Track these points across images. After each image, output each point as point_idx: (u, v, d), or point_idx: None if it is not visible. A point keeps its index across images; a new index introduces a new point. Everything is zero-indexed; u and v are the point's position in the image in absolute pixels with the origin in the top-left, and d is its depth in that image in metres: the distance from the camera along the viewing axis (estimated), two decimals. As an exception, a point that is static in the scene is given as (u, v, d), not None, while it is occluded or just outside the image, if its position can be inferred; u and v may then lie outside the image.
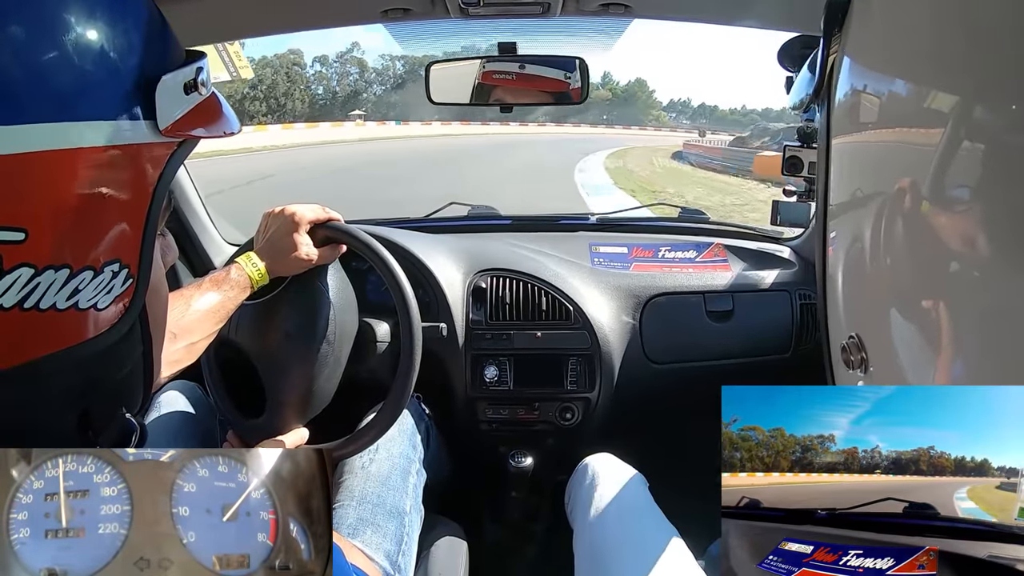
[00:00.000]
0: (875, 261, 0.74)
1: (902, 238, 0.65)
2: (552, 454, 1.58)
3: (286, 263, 1.08)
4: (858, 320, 0.78)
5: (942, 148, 0.58)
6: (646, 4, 1.30)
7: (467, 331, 1.50)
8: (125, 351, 0.48)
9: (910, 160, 0.65)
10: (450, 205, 2.07)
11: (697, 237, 1.81)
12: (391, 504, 1.13)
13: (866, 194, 0.77)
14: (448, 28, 1.47)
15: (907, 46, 0.67)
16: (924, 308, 0.62)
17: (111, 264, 0.42)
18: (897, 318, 0.68)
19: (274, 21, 1.41)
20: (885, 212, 0.70)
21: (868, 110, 0.75)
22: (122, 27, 0.43)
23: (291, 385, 1.12)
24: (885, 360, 0.71)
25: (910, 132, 0.66)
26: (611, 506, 1.06)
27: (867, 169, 0.77)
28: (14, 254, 0.37)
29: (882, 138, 0.71)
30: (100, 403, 0.47)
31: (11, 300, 0.38)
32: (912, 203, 0.63)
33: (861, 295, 0.79)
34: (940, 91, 0.61)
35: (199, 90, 0.47)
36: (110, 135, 0.40)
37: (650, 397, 1.59)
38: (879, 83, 0.74)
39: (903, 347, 0.67)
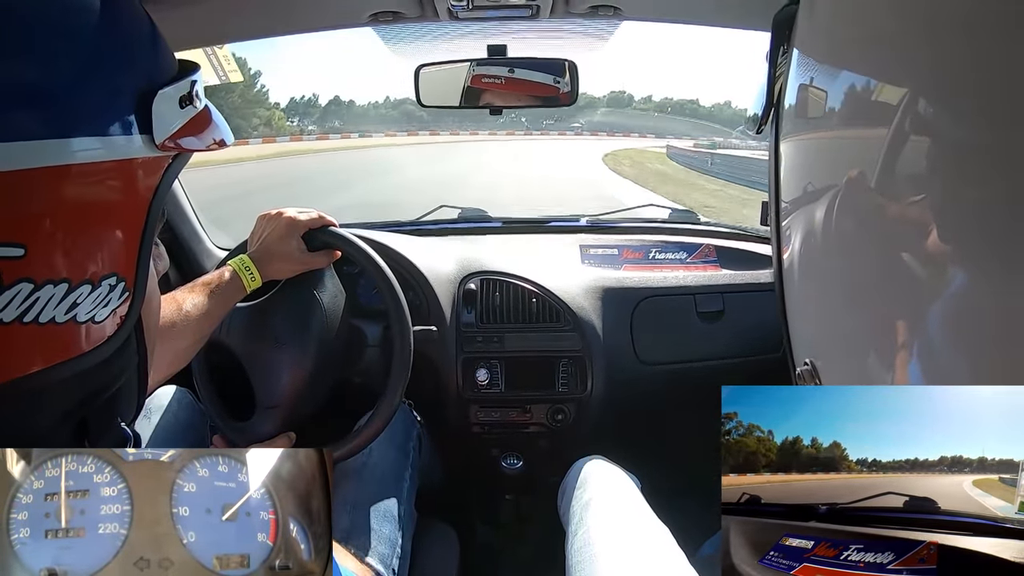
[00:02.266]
0: (827, 258, 0.74)
1: (851, 234, 0.66)
2: (544, 456, 1.58)
3: (280, 267, 1.08)
4: (812, 349, 0.79)
5: (887, 142, 0.59)
6: (635, 6, 1.31)
7: (458, 334, 1.50)
8: (122, 362, 0.48)
9: (856, 154, 0.66)
10: (440, 208, 2.07)
11: (687, 238, 1.82)
12: (384, 509, 1.13)
13: (815, 189, 0.78)
14: (437, 32, 1.47)
15: (852, 36, 0.68)
16: (873, 334, 0.62)
17: (108, 278, 0.43)
18: (849, 346, 0.69)
19: (262, 26, 1.41)
20: (835, 208, 0.70)
21: (815, 104, 0.76)
22: (120, 42, 0.43)
23: (280, 389, 1.12)
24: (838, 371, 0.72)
25: (856, 125, 0.66)
26: (604, 507, 1.06)
27: (814, 164, 0.77)
28: (14, 270, 0.37)
29: (828, 132, 0.72)
30: (97, 414, 0.47)
31: (11, 315, 0.38)
32: (860, 197, 0.64)
33: (816, 320, 0.80)
34: (885, 83, 0.61)
35: (194, 103, 0.48)
36: (107, 150, 0.41)
37: (642, 398, 1.59)
38: (825, 76, 0.74)
39: (856, 351, 0.68)
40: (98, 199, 0.41)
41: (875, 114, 0.62)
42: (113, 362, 0.46)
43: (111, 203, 0.42)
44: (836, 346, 0.73)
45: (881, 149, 0.59)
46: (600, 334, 1.52)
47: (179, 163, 0.47)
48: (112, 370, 0.47)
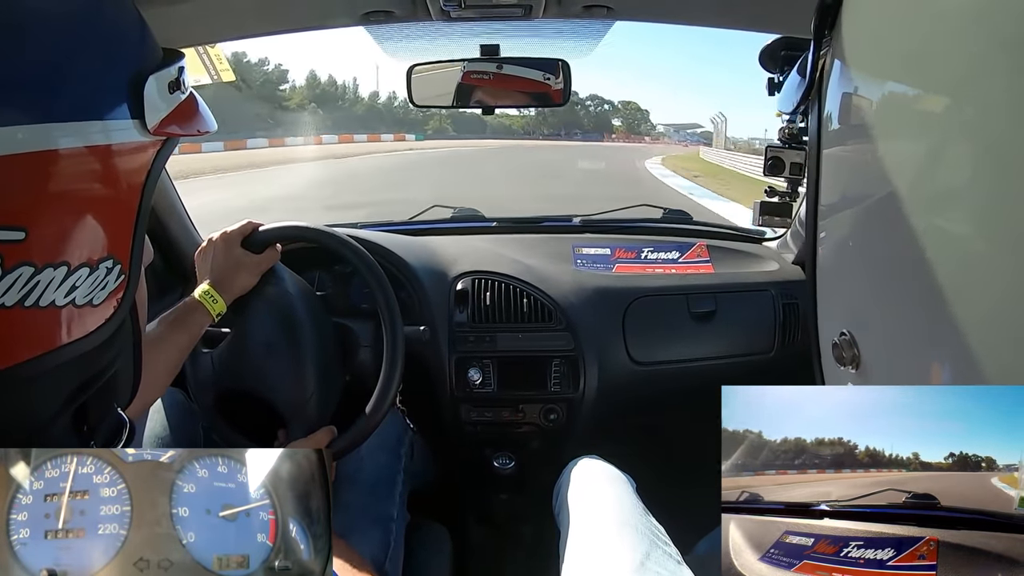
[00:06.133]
0: (869, 260, 0.75)
1: (895, 238, 0.66)
2: (537, 455, 1.58)
3: (238, 279, 1.11)
4: (850, 318, 0.79)
5: (935, 150, 0.59)
6: (628, 6, 1.31)
7: (450, 333, 1.50)
8: (118, 345, 0.49)
9: (902, 162, 0.66)
10: (433, 208, 2.07)
11: (680, 238, 1.82)
12: (377, 511, 1.14)
13: (858, 195, 0.78)
14: (431, 32, 1.47)
15: (898, 47, 0.68)
16: (916, 306, 0.63)
17: (105, 261, 0.43)
18: (890, 315, 0.69)
19: (254, 24, 1.40)
20: (878, 212, 0.70)
21: (859, 111, 0.76)
22: (113, 30, 0.45)
23: (297, 386, 1.13)
24: (877, 356, 0.72)
25: (902, 133, 0.67)
26: (598, 507, 1.06)
27: (859, 171, 0.77)
28: (14, 253, 0.38)
29: (874, 139, 0.72)
30: (95, 398, 0.48)
31: (13, 299, 0.38)
32: (906, 203, 0.64)
33: (853, 293, 0.80)
34: (933, 93, 0.62)
35: (181, 89, 0.49)
36: (104, 135, 0.42)
37: (634, 398, 1.60)
38: (870, 85, 0.75)
39: (895, 344, 0.68)
40: (95, 183, 0.42)
41: (920, 121, 0.62)
42: (111, 344, 0.47)
43: (107, 187, 0.43)
44: (876, 316, 0.73)
45: (938, 148, 0.59)
46: (592, 334, 1.52)
47: (168, 147, 0.48)
48: (110, 353, 0.48)
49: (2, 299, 0.38)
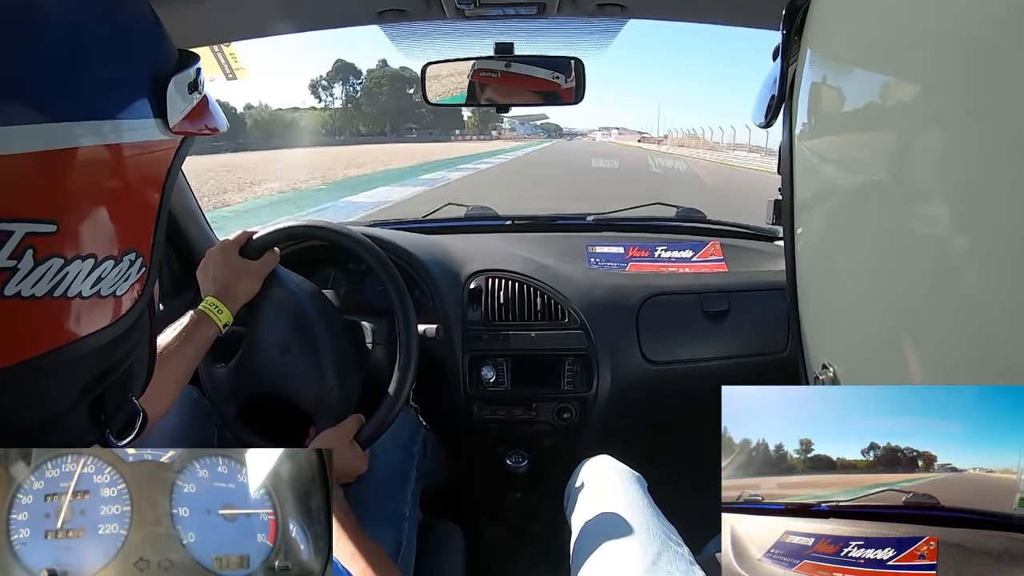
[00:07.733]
0: (844, 260, 0.74)
1: (870, 234, 0.65)
2: (550, 454, 1.58)
3: (241, 286, 1.13)
4: (834, 348, 0.78)
5: (906, 141, 0.58)
6: (642, 4, 1.30)
7: (464, 332, 1.50)
8: (136, 336, 0.50)
9: (875, 154, 0.65)
10: (447, 206, 2.07)
11: (694, 236, 1.81)
12: (389, 509, 1.15)
13: (832, 190, 0.77)
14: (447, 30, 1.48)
15: (870, 36, 0.67)
16: (899, 306, 0.62)
17: (128, 253, 0.45)
18: (872, 324, 0.68)
19: (267, 23, 1.41)
20: (853, 209, 0.69)
21: (831, 102, 0.75)
22: (139, 34, 0.47)
23: (318, 380, 1.14)
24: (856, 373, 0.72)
25: (875, 125, 0.66)
26: (610, 506, 1.06)
27: (831, 165, 0.76)
28: (46, 245, 0.39)
29: (846, 132, 0.71)
30: (113, 388, 0.49)
31: (43, 289, 0.39)
32: (879, 198, 0.63)
33: (830, 297, 0.79)
34: (905, 81, 0.60)
35: (199, 90, 0.50)
36: (131, 133, 0.43)
37: (647, 397, 1.59)
38: (840, 75, 0.73)
39: (879, 354, 0.67)
40: (123, 178, 0.43)
41: (900, 109, 0.61)
42: (129, 335, 0.48)
43: (133, 182, 0.44)
44: (857, 349, 0.72)
45: (909, 146, 0.58)
46: (606, 333, 1.52)
47: (186, 145, 0.50)
48: (128, 344, 0.49)
49: (33, 289, 0.39)
